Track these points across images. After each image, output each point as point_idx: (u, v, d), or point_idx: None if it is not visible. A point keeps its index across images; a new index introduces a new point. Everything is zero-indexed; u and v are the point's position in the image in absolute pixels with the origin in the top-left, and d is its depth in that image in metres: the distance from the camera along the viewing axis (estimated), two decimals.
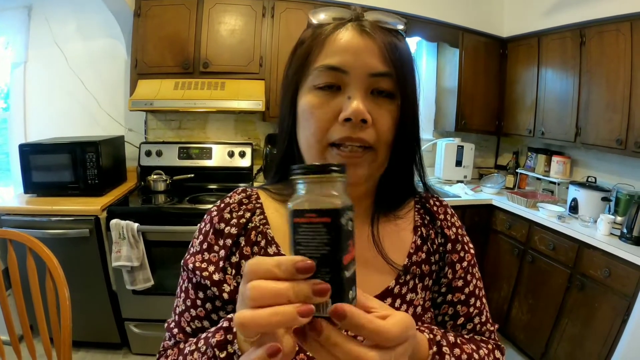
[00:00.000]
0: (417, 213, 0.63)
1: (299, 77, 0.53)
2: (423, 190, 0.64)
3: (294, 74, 0.54)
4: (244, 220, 0.57)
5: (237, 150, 2.67)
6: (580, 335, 2.03)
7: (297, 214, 0.33)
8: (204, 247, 0.56)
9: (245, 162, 2.67)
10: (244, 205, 0.59)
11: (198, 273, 0.55)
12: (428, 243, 0.61)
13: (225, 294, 0.54)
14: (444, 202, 0.67)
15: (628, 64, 2.03)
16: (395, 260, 0.57)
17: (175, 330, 0.57)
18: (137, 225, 2.01)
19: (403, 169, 0.57)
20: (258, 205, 0.59)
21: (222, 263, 0.55)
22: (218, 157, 2.67)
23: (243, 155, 2.67)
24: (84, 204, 2.10)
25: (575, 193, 2.34)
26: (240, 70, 2.47)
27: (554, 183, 2.72)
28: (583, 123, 2.32)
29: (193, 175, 2.58)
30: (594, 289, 1.95)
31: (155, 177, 2.49)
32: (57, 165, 2.19)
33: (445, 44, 2.95)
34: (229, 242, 0.56)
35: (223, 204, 0.59)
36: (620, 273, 1.81)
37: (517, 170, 3.04)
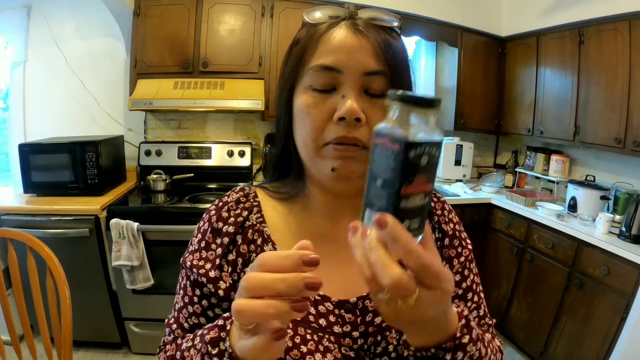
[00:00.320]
0: None
1: (295, 76, 0.54)
2: None
3: (290, 74, 0.54)
4: (241, 219, 0.58)
5: (236, 150, 2.67)
6: (580, 334, 2.03)
7: (377, 134, 0.35)
8: (202, 245, 0.57)
9: (245, 161, 2.68)
10: (242, 204, 0.59)
11: (195, 271, 0.56)
12: None
13: (221, 291, 0.55)
14: (442, 198, 0.67)
15: (627, 63, 2.03)
16: None
17: (174, 326, 0.58)
18: (137, 225, 2.01)
19: None
20: (255, 204, 0.60)
21: (218, 260, 0.56)
22: (217, 156, 2.67)
23: (242, 155, 2.68)
24: (84, 204, 2.10)
25: (574, 192, 2.35)
26: (240, 70, 2.47)
27: (553, 182, 2.73)
28: (582, 122, 2.32)
29: (192, 175, 2.59)
30: (593, 287, 1.95)
31: (155, 176, 2.50)
32: (56, 165, 2.19)
33: (444, 44, 2.96)
34: (226, 240, 0.56)
35: (221, 203, 0.60)
36: (619, 271, 1.81)
37: (516, 169, 3.05)
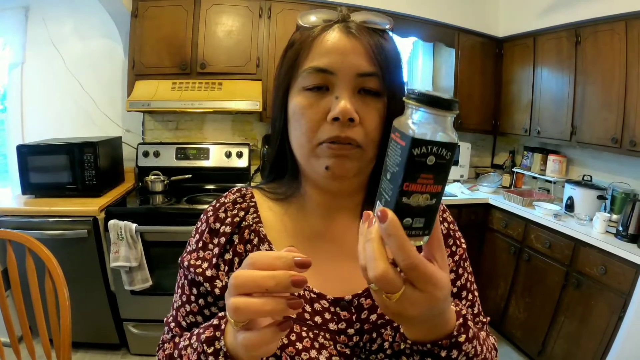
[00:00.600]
0: None
1: (289, 78, 0.55)
2: None
3: (284, 76, 0.56)
4: (238, 219, 0.59)
5: (234, 151, 2.68)
6: (577, 333, 2.04)
7: (393, 129, 0.36)
8: (200, 245, 0.58)
9: (243, 162, 2.68)
10: (238, 205, 0.60)
11: (192, 270, 0.57)
12: None
13: (217, 290, 0.56)
14: None
15: (623, 63, 2.04)
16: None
17: (173, 325, 0.60)
18: (135, 226, 2.01)
19: None
20: (252, 204, 0.61)
21: (215, 260, 0.57)
22: (215, 157, 2.67)
23: (240, 156, 2.68)
24: (82, 205, 2.10)
25: (571, 191, 2.36)
26: (237, 71, 2.47)
27: (550, 182, 2.74)
28: (579, 122, 2.33)
29: (190, 176, 2.59)
30: (590, 287, 1.96)
31: (153, 177, 2.50)
32: (54, 166, 2.19)
33: (442, 44, 2.97)
34: (223, 240, 0.57)
35: (218, 204, 0.61)
36: (616, 270, 1.83)
37: (513, 169, 3.06)
